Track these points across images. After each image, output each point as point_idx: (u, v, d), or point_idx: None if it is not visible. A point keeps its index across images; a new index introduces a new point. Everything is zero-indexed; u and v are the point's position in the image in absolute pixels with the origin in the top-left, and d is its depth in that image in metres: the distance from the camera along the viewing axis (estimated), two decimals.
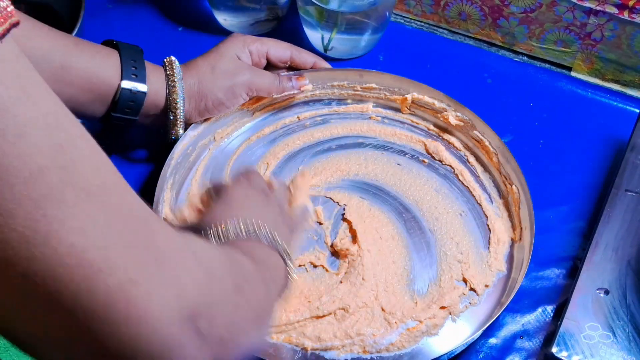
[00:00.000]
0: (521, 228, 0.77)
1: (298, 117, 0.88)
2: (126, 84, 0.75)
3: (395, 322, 0.71)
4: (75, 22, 0.87)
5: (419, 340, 0.70)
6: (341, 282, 0.73)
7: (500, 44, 0.97)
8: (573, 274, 0.76)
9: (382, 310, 0.71)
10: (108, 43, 0.79)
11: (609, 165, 0.86)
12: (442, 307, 0.72)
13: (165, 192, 0.77)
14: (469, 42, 0.98)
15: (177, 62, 0.79)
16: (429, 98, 0.86)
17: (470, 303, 0.73)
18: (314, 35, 0.93)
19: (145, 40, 0.96)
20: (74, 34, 0.85)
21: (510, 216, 0.79)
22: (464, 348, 0.70)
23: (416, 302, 0.72)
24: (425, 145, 0.85)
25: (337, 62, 0.93)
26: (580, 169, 0.85)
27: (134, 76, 0.76)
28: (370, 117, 0.87)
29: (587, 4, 0.88)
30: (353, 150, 0.85)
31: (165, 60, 0.79)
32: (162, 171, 0.77)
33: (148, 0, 1.00)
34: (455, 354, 0.70)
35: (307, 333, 0.70)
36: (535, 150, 0.86)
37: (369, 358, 0.69)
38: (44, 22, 0.93)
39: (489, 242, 0.77)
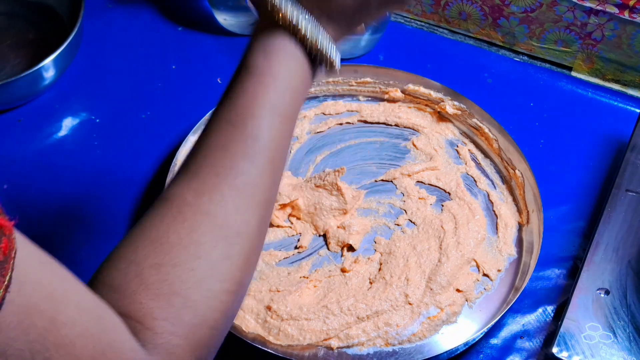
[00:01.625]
0: (528, 211, 0.78)
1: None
2: None
3: (419, 310, 0.71)
4: (75, 22, 0.87)
5: (439, 329, 0.71)
6: (370, 282, 0.74)
7: (501, 43, 0.97)
8: (573, 274, 0.76)
9: (406, 297, 0.72)
10: None
11: (609, 165, 0.86)
12: (458, 290, 0.73)
13: None
14: (469, 41, 0.98)
15: None
16: (425, 89, 0.86)
17: (485, 289, 0.74)
18: None
19: (145, 40, 0.97)
20: (73, 33, 0.85)
21: (515, 200, 0.80)
22: (465, 348, 0.70)
23: (431, 288, 0.73)
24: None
25: None
26: (581, 169, 0.85)
27: None
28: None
29: (587, 4, 0.88)
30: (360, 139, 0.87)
31: None
32: (167, 179, 0.77)
33: (148, 0, 1.00)
34: (457, 353, 0.70)
35: (336, 333, 0.70)
36: (536, 150, 0.86)
37: (390, 350, 0.70)
38: (44, 22, 0.94)
39: (496, 227, 0.78)
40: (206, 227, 0.48)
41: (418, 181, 0.82)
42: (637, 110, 0.90)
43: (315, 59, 0.53)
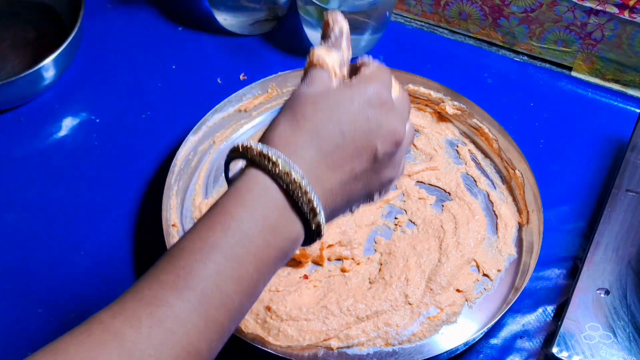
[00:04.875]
0: (528, 211, 0.78)
1: None
2: None
3: (418, 310, 0.72)
4: (75, 22, 0.87)
5: (439, 329, 0.71)
6: (370, 282, 0.74)
7: (501, 43, 0.97)
8: (573, 274, 0.76)
9: (406, 297, 0.72)
10: None
11: (609, 165, 0.86)
12: (458, 290, 0.73)
13: (172, 199, 0.77)
14: (469, 41, 0.98)
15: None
16: (425, 89, 0.86)
17: (485, 289, 0.74)
18: (314, 35, 0.93)
19: (145, 40, 0.97)
20: (73, 33, 0.85)
21: (514, 200, 0.80)
22: (465, 348, 0.70)
23: (431, 289, 0.73)
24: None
25: None
26: (581, 169, 0.85)
27: None
28: None
29: (587, 4, 0.88)
30: None
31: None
32: (167, 178, 0.77)
33: (148, 0, 1.00)
34: (456, 353, 0.70)
35: (336, 333, 0.70)
36: (536, 150, 0.86)
37: (390, 350, 0.70)
38: (44, 22, 0.94)
39: (496, 227, 0.78)
40: (111, 347, 0.43)
41: (418, 181, 0.82)
42: (637, 110, 0.90)
43: (299, 208, 0.49)
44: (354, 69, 0.58)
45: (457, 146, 0.85)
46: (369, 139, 0.52)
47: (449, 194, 0.81)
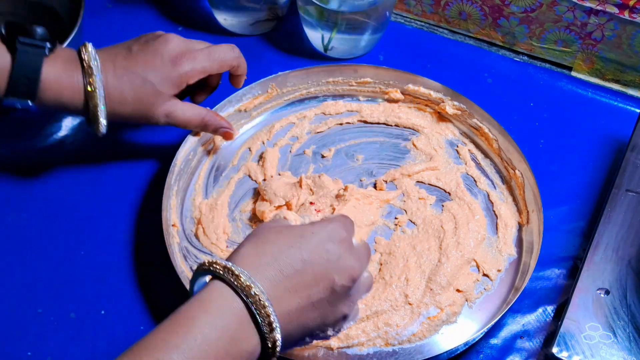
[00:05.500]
0: (528, 211, 0.78)
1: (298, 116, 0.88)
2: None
3: (418, 310, 0.72)
4: (75, 22, 0.87)
5: (439, 329, 0.71)
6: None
7: (501, 43, 0.97)
8: (573, 274, 0.76)
9: (406, 297, 0.72)
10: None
11: (609, 165, 0.86)
12: (458, 290, 0.73)
13: (171, 199, 0.77)
14: (470, 41, 0.98)
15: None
16: (425, 89, 0.86)
17: (485, 289, 0.74)
18: (314, 35, 0.93)
19: None
20: (73, 33, 0.85)
21: (514, 200, 0.80)
22: (465, 348, 0.70)
23: (431, 289, 0.73)
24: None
25: (337, 63, 0.93)
26: (581, 169, 0.85)
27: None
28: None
29: (587, 4, 0.88)
30: (360, 139, 0.87)
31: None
32: (167, 178, 0.77)
33: (148, 0, 1.00)
34: (456, 353, 0.70)
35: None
36: (536, 150, 0.86)
37: (390, 350, 0.70)
38: (44, 22, 0.94)
39: (496, 227, 0.78)
40: None
41: (418, 181, 0.82)
42: (637, 110, 0.90)
43: (257, 320, 0.53)
44: None
45: (457, 146, 0.85)
46: (327, 269, 0.56)
47: (449, 194, 0.81)
